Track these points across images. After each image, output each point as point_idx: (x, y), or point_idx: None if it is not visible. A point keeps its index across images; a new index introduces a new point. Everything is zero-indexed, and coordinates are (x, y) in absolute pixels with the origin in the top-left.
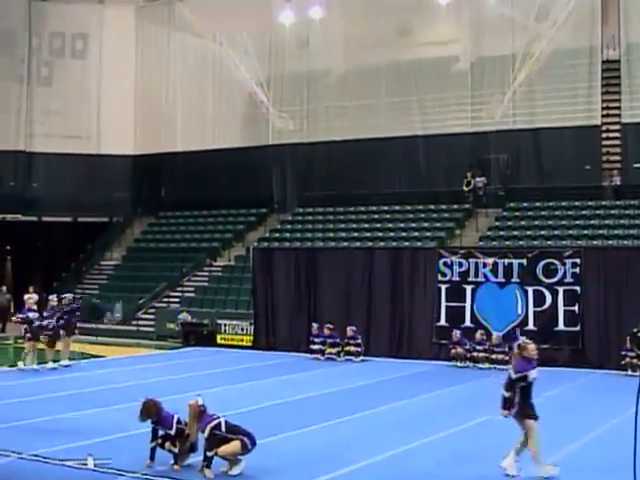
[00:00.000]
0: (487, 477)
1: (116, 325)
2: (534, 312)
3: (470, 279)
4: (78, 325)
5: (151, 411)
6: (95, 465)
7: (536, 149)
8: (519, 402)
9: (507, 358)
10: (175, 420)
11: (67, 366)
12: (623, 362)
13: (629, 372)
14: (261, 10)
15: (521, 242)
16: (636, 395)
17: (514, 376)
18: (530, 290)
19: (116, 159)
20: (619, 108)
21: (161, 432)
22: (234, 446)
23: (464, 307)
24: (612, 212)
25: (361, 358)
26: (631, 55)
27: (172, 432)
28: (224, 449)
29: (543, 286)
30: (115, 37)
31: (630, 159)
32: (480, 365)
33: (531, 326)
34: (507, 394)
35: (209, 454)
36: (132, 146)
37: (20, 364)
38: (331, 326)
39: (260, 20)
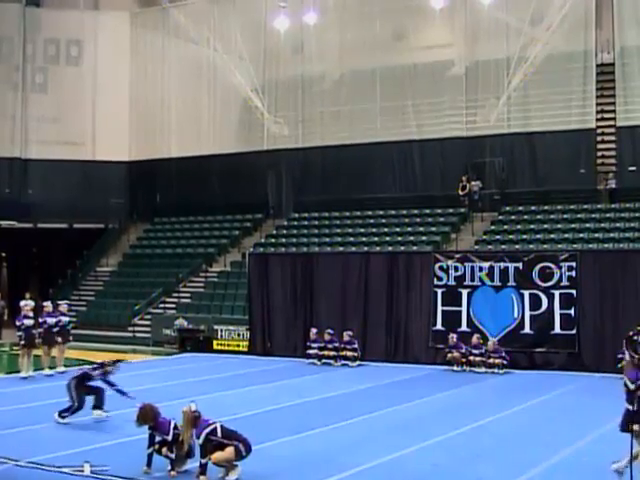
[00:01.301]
0: (484, 479)
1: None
2: (530, 316)
3: (466, 283)
4: (73, 332)
5: (148, 417)
6: (92, 472)
7: (531, 153)
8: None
9: (505, 362)
10: (172, 426)
11: (63, 373)
12: (619, 365)
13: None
14: (255, 15)
15: (517, 246)
16: None
17: (632, 386)
18: (526, 294)
19: (111, 165)
20: (614, 111)
21: (158, 438)
22: (228, 453)
23: (460, 311)
24: (607, 215)
25: (357, 363)
26: (625, 59)
27: (169, 438)
28: (217, 456)
29: (539, 290)
30: (110, 43)
31: (625, 162)
32: (476, 369)
33: (527, 330)
34: (632, 407)
35: (203, 461)
36: (127, 152)
37: (23, 373)
38: (332, 332)
39: (255, 25)
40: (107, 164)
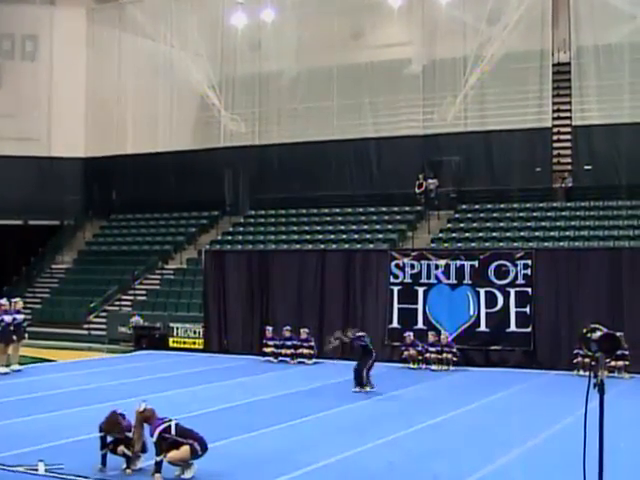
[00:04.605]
0: (439, 477)
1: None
2: (486, 313)
3: (422, 281)
4: (28, 329)
5: (114, 428)
6: (46, 471)
7: (488, 151)
8: None
9: (455, 359)
10: (132, 423)
11: (18, 371)
12: (575, 361)
13: (580, 372)
14: (213, 12)
15: (473, 244)
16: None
17: None
18: (482, 292)
19: (67, 162)
20: (570, 111)
21: (110, 439)
22: (183, 452)
23: (416, 309)
24: (563, 214)
25: (314, 360)
26: (581, 58)
27: (131, 435)
28: (172, 455)
29: (495, 287)
30: (66, 39)
31: (580, 161)
32: (433, 367)
33: (483, 327)
34: None
35: (158, 459)
36: (83, 148)
37: None
38: (290, 328)
39: (212, 22)
40: (63, 160)
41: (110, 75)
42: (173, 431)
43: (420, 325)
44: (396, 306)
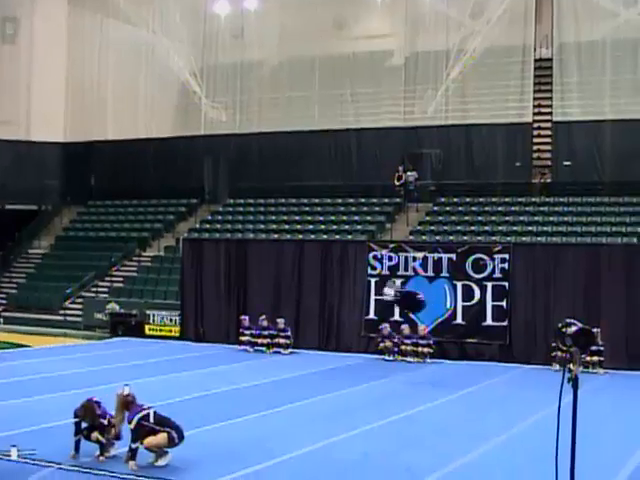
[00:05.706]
0: (413, 468)
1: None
2: (462, 307)
3: (400, 273)
4: (3, 314)
5: (89, 414)
6: (19, 456)
7: (468, 145)
8: None
9: (432, 351)
10: (109, 411)
11: None
12: (553, 354)
13: (557, 367)
14: None
15: (451, 237)
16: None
17: None
18: (459, 285)
19: (46, 146)
20: (550, 106)
21: (84, 425)
22: (160, 438)
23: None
24: (541, 209)
25: (290, 350)
26: (563, 54)
27: (105, 422)
28: (150, 440)
29: (472, 281)
30: (47, 22)
31: (560, 157)
32: (408, 359)
33: (459, 321)
34: None
35: (133, 446)
36: (62, 133)
37: None
38: (266, 317)
39: (194, 9)
40: (41, 145)
41: (91, 60)
42: (152, 419)
43: (397, 317)
44: (373, 298)
